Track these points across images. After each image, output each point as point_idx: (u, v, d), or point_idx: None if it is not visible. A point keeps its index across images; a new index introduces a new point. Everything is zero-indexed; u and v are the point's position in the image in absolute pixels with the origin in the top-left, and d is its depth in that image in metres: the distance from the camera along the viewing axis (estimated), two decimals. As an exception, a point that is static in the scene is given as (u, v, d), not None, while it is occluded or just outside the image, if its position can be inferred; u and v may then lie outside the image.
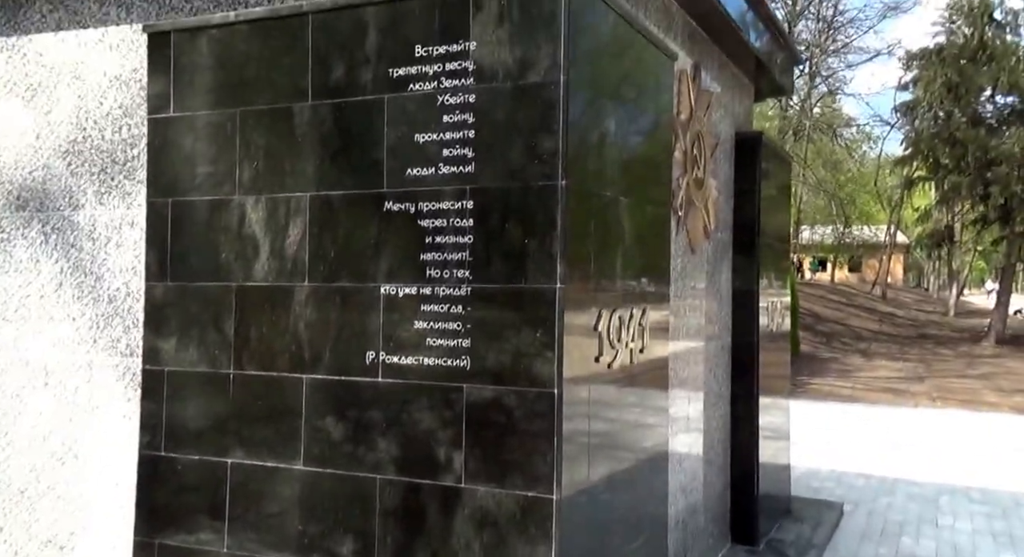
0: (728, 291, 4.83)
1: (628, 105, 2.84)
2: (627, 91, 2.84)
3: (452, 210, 2.49)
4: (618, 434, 2.79)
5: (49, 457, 3.29)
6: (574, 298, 2.44)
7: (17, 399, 3.35)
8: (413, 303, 2.53)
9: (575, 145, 2.42)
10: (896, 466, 7.57)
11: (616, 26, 2.70)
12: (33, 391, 3.32)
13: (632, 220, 2.87)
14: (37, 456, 3.31)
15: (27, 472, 3.34)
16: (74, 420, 3.25)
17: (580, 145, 2.46)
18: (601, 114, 2.61)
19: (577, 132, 2.43)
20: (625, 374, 2.81)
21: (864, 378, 15.46)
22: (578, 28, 2.42)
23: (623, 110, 2.79)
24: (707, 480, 4.48)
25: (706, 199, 4.30)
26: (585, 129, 2.49)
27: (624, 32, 2.78)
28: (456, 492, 2.46)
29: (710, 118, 4.39)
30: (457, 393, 2.47)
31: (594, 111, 2.57)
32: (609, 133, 2.67)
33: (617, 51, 2.76)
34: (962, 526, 5.67)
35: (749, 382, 4.84)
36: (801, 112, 27.20)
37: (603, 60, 2.64)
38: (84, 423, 3.24)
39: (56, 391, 3.29)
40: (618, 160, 2.75)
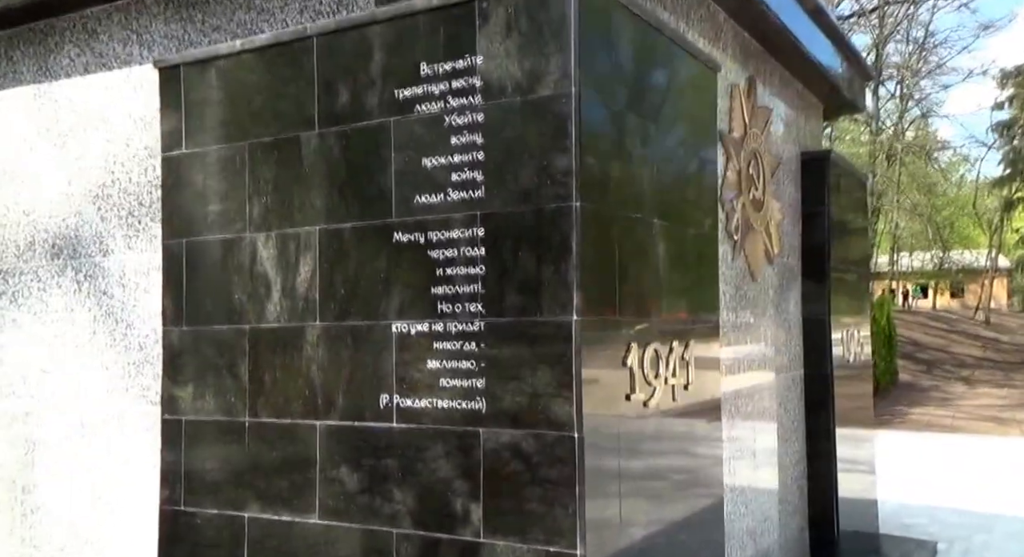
0: (798, 320, 4.49)
1: (661, 120, 2.61)
2: (659, 104, 2.62)
3: (462, 239, 2.30)
4: (659, 479, 2.53)
5: (88, 511, 3.22)
6: (595, 331, 2.21)
7: (58, 451, 3.30)
8: (426, 341, 2.35)
9: (592, 163, 2.21)
10: (996, 500, 6.97)
11: (642, 33, 2.50)
12: (70, 443, 3.27)
13: (670, 244, 2.63)
14: (76, 511, 3.24)
15: (66, 528, 3.27)
16: (109, 473, 3.18)
17: (598, 163, 2.25)
18: (624, 129, 2.40)
19: (594, 149, 2.22)
20: (666, 413, 2.55)
21: (966, 406, 14.51)
22: (593, 36, 2.23)
23: (654, 125, 2.57)
24: (782, 521, 4.12)
25: (767, 222, 4.01)
26: (604, 146, 2.29)
27: (653, 40, 2.57)
28: (475, 548, 2.24)
29: (769, 136, 4.11)
30: (473, 438, 2.26)
31: (615, 126, 2.36)
32: (635, 150, 2.45)
33: (644, 61, 2.55)
34: (1073, 570, 5.12)
35: (825, 415, 4.47)
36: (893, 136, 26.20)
37: (626, 71, 2.44)
38: (118, 476, 3.15)
39: (92, 442, 3.22)
40: (649, 180, 2.52)
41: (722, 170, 3.55)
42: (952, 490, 7.43)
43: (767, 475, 3.96)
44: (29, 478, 3.36)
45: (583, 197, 2.16)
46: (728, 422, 3.52)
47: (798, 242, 4.53)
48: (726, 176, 3.57)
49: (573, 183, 2.16)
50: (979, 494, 7.22)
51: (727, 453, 3.49)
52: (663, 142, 2.62)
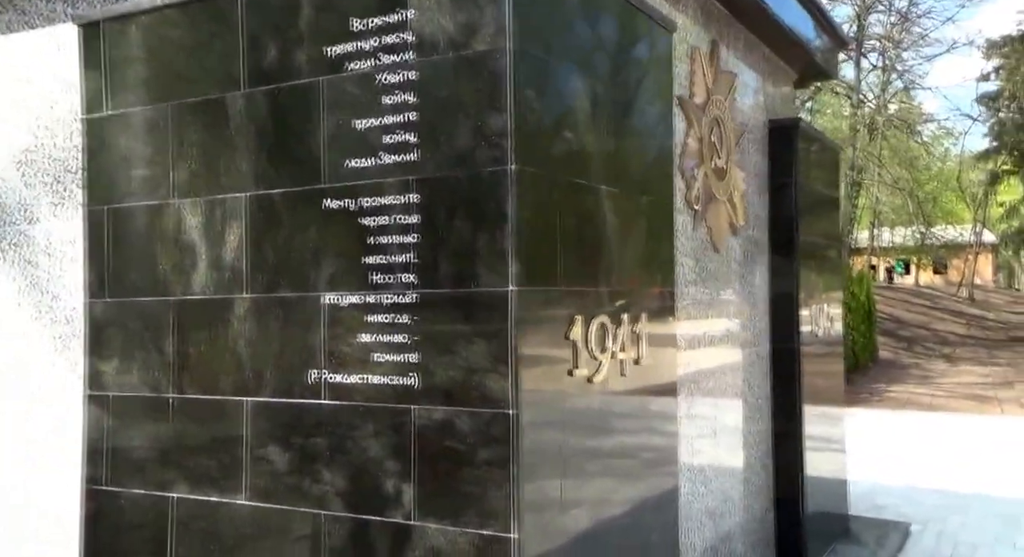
0: (765, 294, 4.39)
1: (610, 81, 2.48)
2: (607, 64, 2.48)
3: (396, 205, 2.17)
4: (607, 458, 2.42)
5: (10, 490, 3.08)
6: (535, 302, 2.09)
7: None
8: (357, 313, 2.22)
9: (529, 124, 2.07)
10: (974, 480, 6.90)
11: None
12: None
13: (620, 213, 2.51)
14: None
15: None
16: (34, 450, 3.04)
17: (537, 124, 2.11)
18: (567, 89, 2.26)
19: (532, 109, 2.09)
20: (614, 389, 2.44)
21: (947, 384, 14.52)
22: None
23: (602, 86, 2.43)
24: (744, 502, 4.03)
25: (731, 192, 3.89)
26: (544, 106, 2.15)
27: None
28: (406, 530, 2.13)
29: (734, 103, 3.98)
30: (406, 416, 2.14)
31: (557, 85, 2.22)
32: (580, 112, 2.31)
33: (590, 17, 2.41)
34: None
35: (792, 392, 4.38)
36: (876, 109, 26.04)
37: (569, 26, 2.29)
38: (44, 453, 3.02)
39: (16, 418, 3.08)
40: (596, 144, 2.39)
41: (682, 137, 3.42)
42: (929, 470, 7.38)
43: (729, 454, 3.87)
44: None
45: (520, 160, 2.03)
46: (687, 399, 3.42)
47: (765, 213, 4.42)
48: (686, 143, 3.44)
49: (508, 145, 2.02)
50: (957, 474, 7.16)
51: (686, 431, 3.40)
52: (612, 105, 2.49)
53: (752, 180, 4.26)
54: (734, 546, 3.88)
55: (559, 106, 2.22)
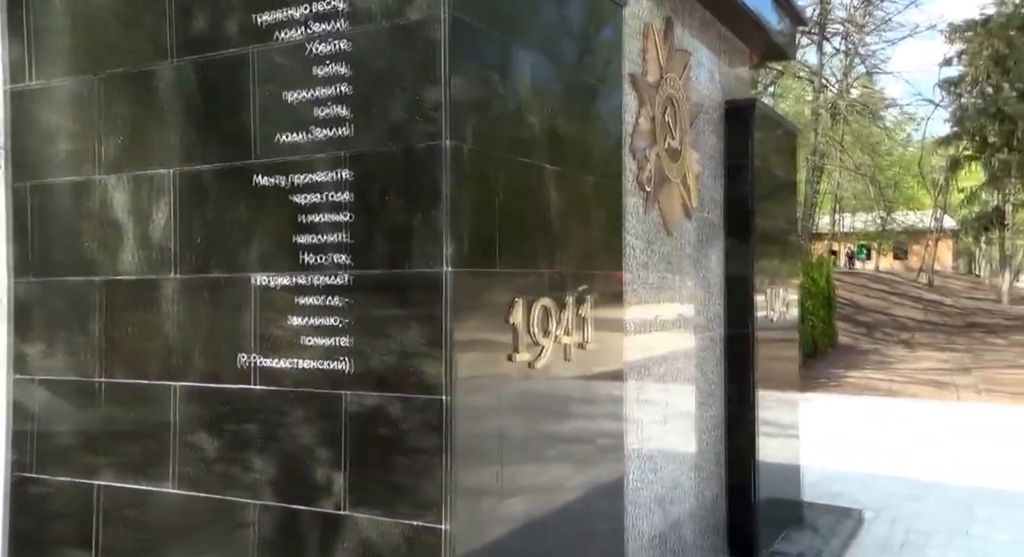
0: (719, 278, 4.36)
1: (554, 55, 2.40)
2: (551, 38, 2.41)
3: (328, 182, 2.08)
4: (548, 445, 2.37)
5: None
6: (472, 284, 2.02)
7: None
8: (288, 295, 2.14)
9: (466, 98, 2.00)
10: (930, 467, 6.95)
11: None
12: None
13: (565, 193, 2.44)
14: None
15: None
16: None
17: (475, 98, 2.04)
18: (509, 62, 2.18)
19: (470, 82, 2.01)
20: (557, 374, 2.38)
21: (905, 370, 14.70)
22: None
23: (546, 61, 2.36)
24: (695, 489, 4.02)
25: (685, 174, 3.84)
26: (483, 79, 2.07)
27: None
28: (337, 521, 2.06)
29: (688, 82, 3.92)
30: (337, 402, 2.07)
31: (497, 58, 2.14)
32: (522, 87, 2.23)
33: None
34: (999, 536, 5.07)
35: (745, 378, 4.36)
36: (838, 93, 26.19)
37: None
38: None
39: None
40: (540, 121, 2.32)
41: (634, 116, 3.36)
42: (885, 456, 7.42)
43: (680, 440, 3.85)
44: None
45: (456, 136, 1.96)
46: (636, 384, 3.38)
47: (720, 196, 4.38)
48: (638, 123, 3.38)
49: (443, 119, 1.94)
50: (913, 460, 7.20)
51: (635, 417, 3.36)
52: (557, 80, 2.41)
53: (707, 162, 4.21)
54: (683, 533, 3.86)
55: (499, 80, 2.14)
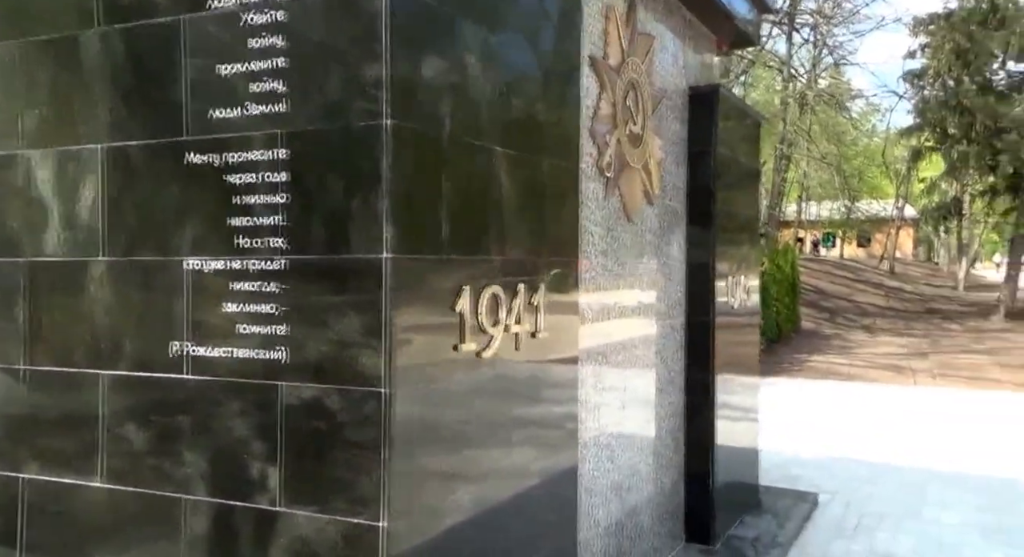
0: (680, 265, 4.30)
1: (508, 34, 2.31)
2: (504, 14, 2.31)
3: (263, 162, 1.97)
4: (497, 437, 2.29)
5: None
6: (415, 271, 1.93)
7: None
8: (222, 280, 2.03)
9: (409, 75, 1.89)
10: (886, 450, 7.01)
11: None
12: None
13: (517, 177, 2.35)
14: None
15: None
16: None
17: (419, 75, 1.93)
18: (456, 38, 2.08)
19: (413, 58, 1.91)
20: (507, 363, 2.30)
21: (865, 355, 14.87)
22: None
23: (498, 39, 2.26)
24: (654, 476, 3.97)
25: (647, 160, 3.76)
26: (428, 55, 1.97)
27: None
28: (271, 517, 1.96)
29: (652, 67, 3.84)
30: (273, 393, 1.97)
31: (443, 33, 2.04)
32: (472, 65, 2.13)
33: (487, -35, 2.23)
34: (949, 518, 5.12)
35: (705, 365, 4.32)
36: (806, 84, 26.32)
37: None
38: None
39: None
40: (490, 102, 2.22)
41: (594, 100, 3.27)
42: (843, 439, 7.47)
43: (639, 428, 3.79)
44: None
45: (397, 115, 1.85)
46: (594, 372, 3.31)
47: (683, 183, 4.31)
48: (599, 107, 3.30)
49: (384, 97, 1.84)
50: (870, 444, 7.26)
51: (592, 405, 3.29)
52: (510, 59, 2.32)
53: (670, 148, 4.14)
54: (641, 520, 3.81)
55: (446, 57, 2.04)
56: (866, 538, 4.75)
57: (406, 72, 1.88)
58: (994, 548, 4.66)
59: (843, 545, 4.61)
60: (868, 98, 33.09)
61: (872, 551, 4.54)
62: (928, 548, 4.62)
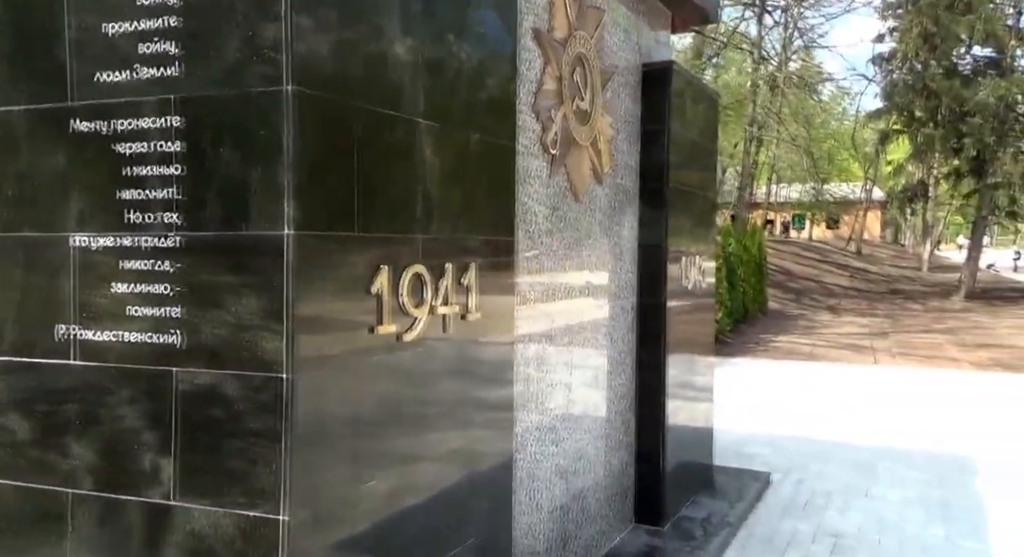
0: (632, 245, 4.19)
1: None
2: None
3: (155, 129, 1.82)
4: (420, 425, 2.16)
5: None
6: (321, 249, 1.79)
7: None
8: (111, 258, 1.87)
9: (314, 37, 1.75)
10: (840, 429, 7.02)
11: None
12: None
13: (444, 152, 2.22)
14: None
15: None
16: None
17: (325, 38, 1.78)
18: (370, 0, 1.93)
19: (318, 18, 1.76)
20: (432, 346, 2.18)
21: (828, 334, 14.95)
22: None
23: (423, 4, 2.11)
24: (603, 458, 3.88)
25: (595, 137, 3.63)
26: (335, 15, 1.82)
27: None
28: (165, 512, 1.83)
29: (602, 42, 3.70)
30: (166, 379, 1.83)
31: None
32: (389, 30, 1.99)
33: (408, -79, 2.07)
34: (895, 495, 5.12)
35: (656, 345, 4.22)
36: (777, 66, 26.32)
37: (376, -72, 1.96)
38: None
39: None
40: (412, 70, 2.08)
41: (538, 74, 3.13)
42: (799, 418, 7.47)
43: (586, 410, 3.69)
44: None
45: (300, 80, 1.71)
46: (538, 354, 3.19)
47: (635, 162, 4.19)
48: (543, 82, 3.16)
49: (285, 61, 1.69)
50: (825, 423, 7.28)
51: (535, 389, 3.18)
52: (436, 26, 2.17)
53: (622, 126, 4.01)
54: (587, 503, 3.72)
55: (357, 19, 1.89)
56: (815, 516, 4.72)
57: (311, 34, 1.73)
58: (935, 523, 4.66)
59: (792, 524, 4.58)
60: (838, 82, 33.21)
61: (820, 529, 4.51)
62: (873, 525, 4.60)
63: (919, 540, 4.38)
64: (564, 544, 3.49)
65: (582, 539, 3.68)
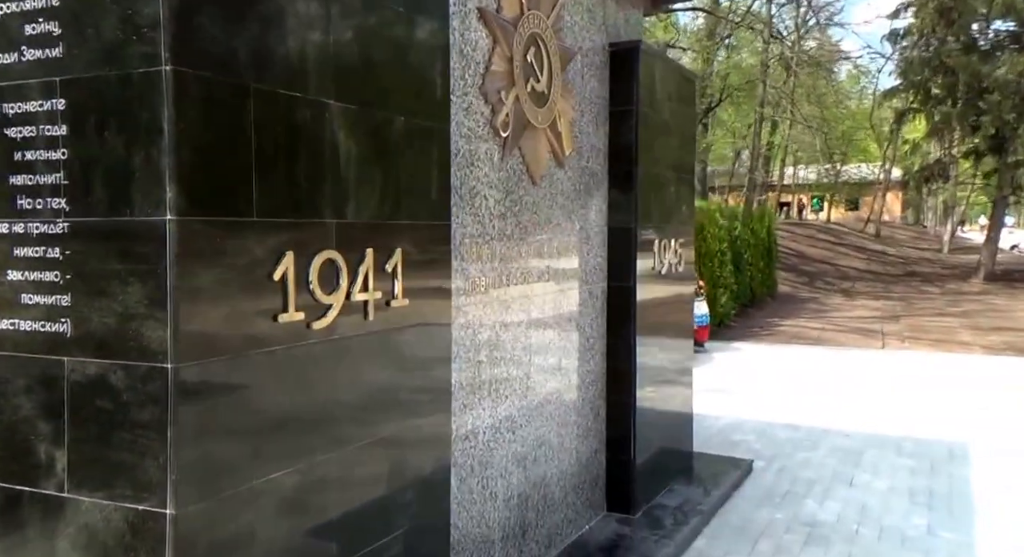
0: (602, 229, 4.12)
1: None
2: (338, -46, 2.09)
3: (41, 113, 1.78)
4: (335, 414, 2.12)
5: None
6: (208, 235, 1.74)
7: None
8: (4, 245, 1.84)
9: (194, 12, 1.69)
10: (833, 415, 6.89)
11: None
12: None
13: (363, 135, 2.16)
14: None
15: None
16: None
17: (208, 14, 1.73)
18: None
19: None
20: (349, 334, 2.13)
21: (838, 318, 14.78)
22: None
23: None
24: (568, 445, 3.83)
25: (554, 120, 3.56)
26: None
27: None
28: (58, 504, 1.80)
29: (560, 22, 3.62)
30: (57, 368, 1.79)
31: (245, -30, 1.83)
32: (288, 6, 1.93)
33: None
34: (880, 484, 5.02)
35: (626, 331, 4.17)
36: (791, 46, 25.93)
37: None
38: None
39: None
40: (318, 50, 2.02)
41: (485, 55, 3.06)
42: (792, 404, 7.37)
43: (546, 397, 3.64)
44: None
45: (179, 60, 1.65)
46: (490, 339, 3.14)
47: (603, 144, 4.12)
48: (491, 63, 3.09)
49: (162, 39, 1.64)
50: (817, 409, 7.16)
51: (486, 376, 3.14)
52: (345, 6, 2.11)
53: (587, 108, 3.94)
54: (550, 491, 3.68)
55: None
56: (793, 506, 4.65)
57: (192, 11, 1.68)
58: (918, 512, 4.57)
59: (768, 513, 4.51)
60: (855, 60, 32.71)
61: (795, 519, 4.44)
62: (852, 514, 4.52)
63: (899, 531, 4.29)
64: (523, 533, 3.46)
65: (544, 528, 3.64)
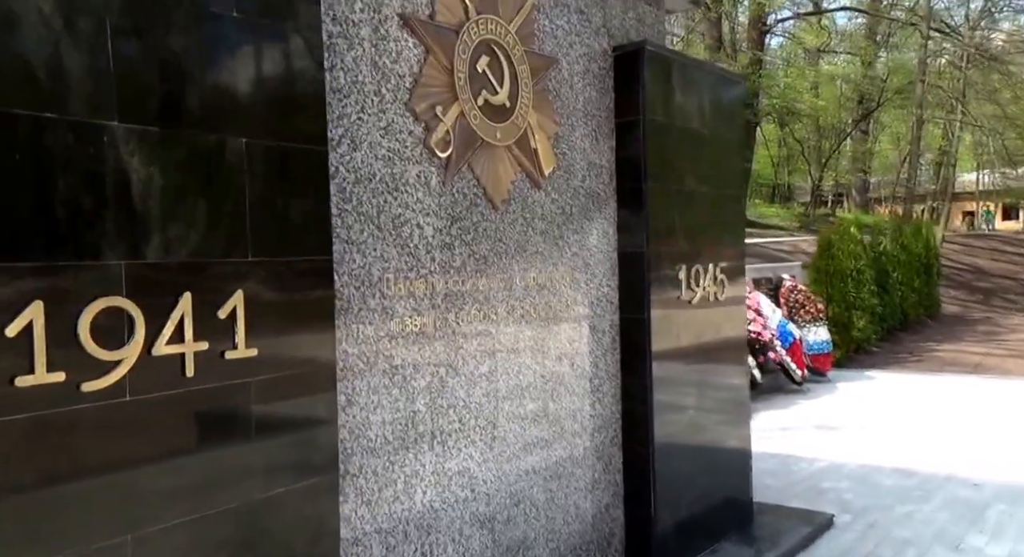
0: (607, 255, 3.66)
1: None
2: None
3: None
4: (120, 494, 1.86)
5: None
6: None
7: None
8: None
9: None
10: (962, 459, 5.86)
11: None
12: None
13: (175, 161, 1.92)
14: None
15: None
16: None
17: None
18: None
19: None
20: (150, 394, 1.87)
21: (1011, 342, 13.11)
22: None
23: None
24: (557, 501, 3.39)
25: (522, 135, 3.17)
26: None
27: None
28: None
29: (532, 27, 3.24)
30: None
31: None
32: (42, 15, 1.70)
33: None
34: (995, 550, 4.14)
35: (640, 368, 3.66)
36: (963, 40, 23.77)
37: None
38: None
39: None
40: (88, 64, 1.78)
41: (414, 67, 2.75)
42: (908, 446, 6.40)
43: (525, 446, 3.22)
44: None
45: None
46: (430, 388, 2.79)
47: (608, 160, 3.67)
48: (422, 75, 2.77)
49: None
50: (943, 451, 6.17)
51: (426, 427, 2.79)
52: (146, 15, 1.86)
53: (581, 121, 3.51)
54: (535, 555, 3.26)
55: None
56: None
57: None
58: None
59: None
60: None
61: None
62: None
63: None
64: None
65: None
